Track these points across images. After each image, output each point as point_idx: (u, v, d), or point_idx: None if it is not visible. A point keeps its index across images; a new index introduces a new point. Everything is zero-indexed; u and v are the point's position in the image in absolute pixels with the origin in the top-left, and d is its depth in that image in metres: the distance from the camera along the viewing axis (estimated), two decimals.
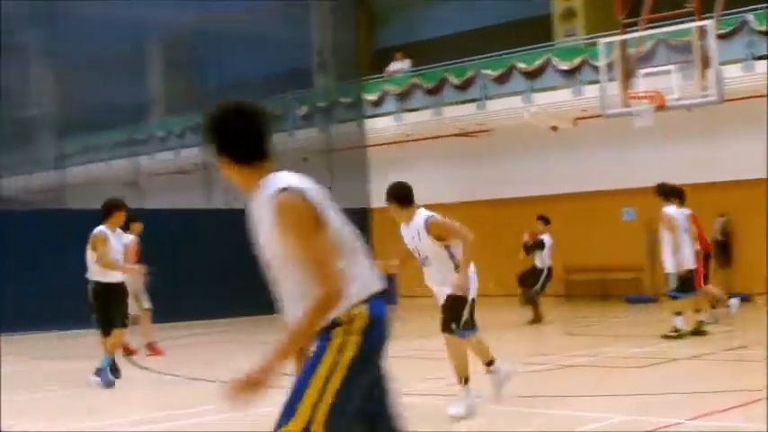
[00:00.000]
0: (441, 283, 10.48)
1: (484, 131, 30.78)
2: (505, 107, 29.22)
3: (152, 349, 17.50)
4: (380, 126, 31.80)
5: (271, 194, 4.98)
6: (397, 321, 16.64)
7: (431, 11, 35.25)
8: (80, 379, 13.70)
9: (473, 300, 10.43)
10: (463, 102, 30.33)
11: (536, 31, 31.26)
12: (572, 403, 11.24)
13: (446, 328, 10.34)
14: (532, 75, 28.85)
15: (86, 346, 16.63)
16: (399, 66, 33.09)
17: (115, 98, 34.14)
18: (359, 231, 5.15)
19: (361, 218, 22.32)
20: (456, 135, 30.94)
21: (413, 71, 32.52)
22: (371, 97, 32.34)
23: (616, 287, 27.95)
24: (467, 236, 10.22)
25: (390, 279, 21.41)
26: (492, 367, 10.74)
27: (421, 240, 10.31)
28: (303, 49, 34.37)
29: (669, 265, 17.24)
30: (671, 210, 17.29)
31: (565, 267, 28.29)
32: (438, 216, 10.37)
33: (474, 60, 30.46)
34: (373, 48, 36.94)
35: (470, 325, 10.41)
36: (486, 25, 33.38)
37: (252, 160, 5.19)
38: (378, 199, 29.70)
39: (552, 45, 30.21)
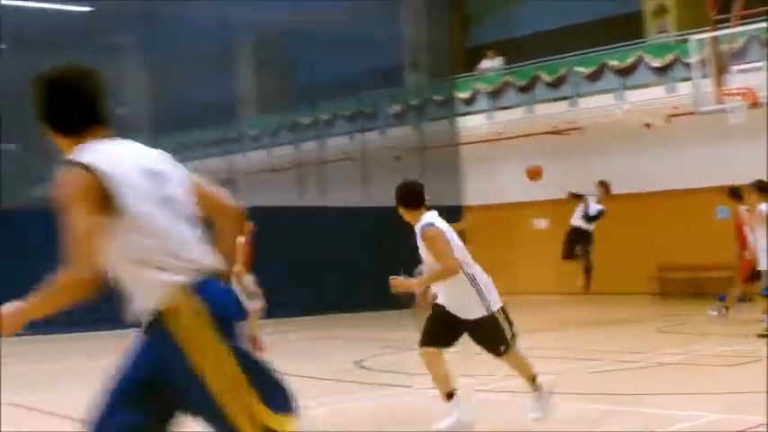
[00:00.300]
0: (459, 306, 9.38)
1: (575, 129, 30.68)
2: (597, 105, 29.13)
3: (254, 344, 17.69)
4: (472, 124, 31.82)
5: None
6: None
7: (523, 8, 35.18)
8: None
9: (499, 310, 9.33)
10: (555, 99, 30.29)
11: (628, 28, 31.08)
12: (662, 402, 11.14)
13: (496, 353, 9.40)
14: (624, 72, 28.71)
15: None
16: (491, 64, 33.08)
17: (208, 97, 34.59)
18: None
19: (454, 216, 22.30)
20: (548, 133, 30.87)
21: (505, 69, 32.51)
22: (463, 95, 32.39)
23: (710, 285, 27.63)
24: (447, 265, 9.12)
25: None
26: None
27: (422, 248, 9.44)
28: (395, 47, 34.45)
29: (764, 262, 17.09)
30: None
31: (658, 265, 28.12)
32: (436, 228, 9.32)
33: (566, 58, 30.39)
34: (465, 45, 36.95)
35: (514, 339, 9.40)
36: (578, 22, 33.23)
37: (75, 129, 4.73)
38: (470, 197, 29.82)
39: (644, 42, 30.02)
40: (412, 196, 9.52)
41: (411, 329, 15.79)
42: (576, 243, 21.87)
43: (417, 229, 9.36)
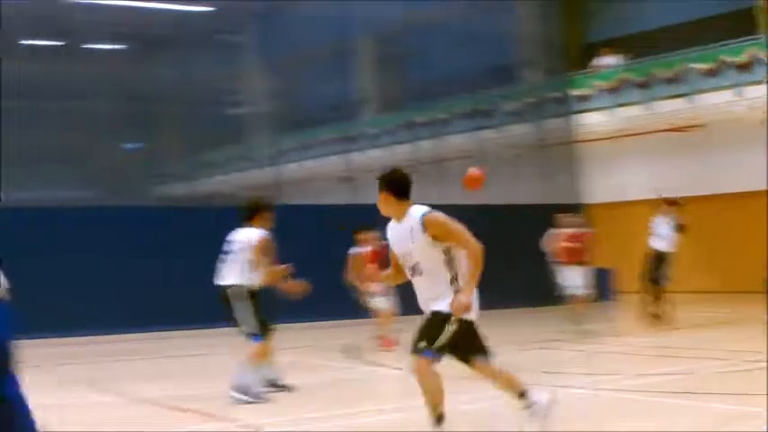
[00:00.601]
0: (432, 301, 8.31)
1: (695, 126, 30.41)
2: (716, 101, 28.87)
3: (384, 342, 17.85)
4: (591, 121, 31.73)
5: None
6: (606, 321, 16.75)
7: (638, 4, 34.93)
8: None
9: (467, 323, 8.26)
10: (673, 96, 30.07)
11: (742, 23, 30.70)
12: None
13: (414, 347, 8.21)
14: (742, 68, 28.42)
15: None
16: (609, 61, 32.94)
17: (327, 95, 34.93)
18: None
19: (575, 214, 22.26)
20: (666, 130, 30.66)
21: (624, 65, 32.36)
22: (579, 92, 32.31)
23: None
24: (474, 245, 8.16)
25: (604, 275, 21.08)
26: (525, 400, 8.53)
27: (414, 241, 8.26)
28: (510, 44, 34.44)
29: None
30: None
31: None
32: (439, 213, 8.34)
33: (683, 54, 30.17)
34: (580, 43, 36.78)
35: (445, 350, 8.18)
36: (695, 18, 32.93)
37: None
38: (592, 195, 29.72)
39: (758, 38, 29.63)
40: (405, 184, 8.42)
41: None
42: (657, 269, 21.05)
43: (414, 218, 8.24)
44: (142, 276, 22.59)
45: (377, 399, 12.68)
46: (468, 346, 8.33)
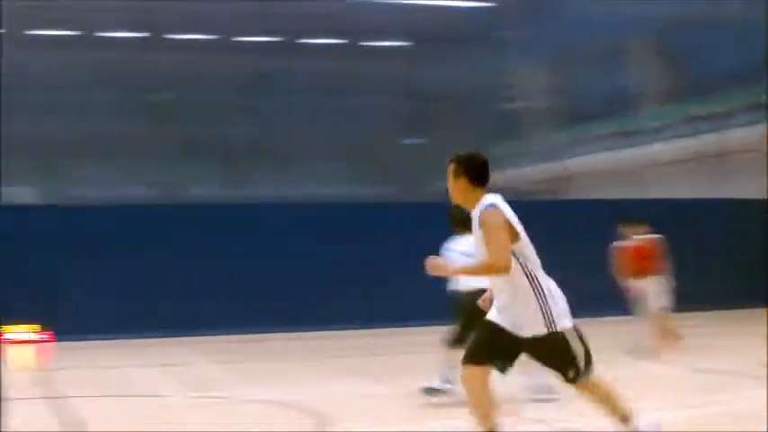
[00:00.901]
0: (505, 309, 7.35)
1: None
2: None
3: (664, 339, 17.51)
4: None
5: None
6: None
7: None
8: None
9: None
10: None
11: None
12: None
13: (572, 377, 7.33)
14: None
15: None
16: None
17: (603, 90, 34.65)
18: None
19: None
20: None
21: None
22: None
23: None
24: (495, 260, 7.05)
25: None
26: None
27: (478, 235, 7.32)
28: None
29: None
30: None
31: None
32: (501, 207, 7.23)
33: None
34: None
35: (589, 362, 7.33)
36: None
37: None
38: None
39: None
40: (483, 168, 7.45)
41: None
42: None
43: (478, 212, 7.29)
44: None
45: (661, 396, 12.48)
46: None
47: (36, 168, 32.21)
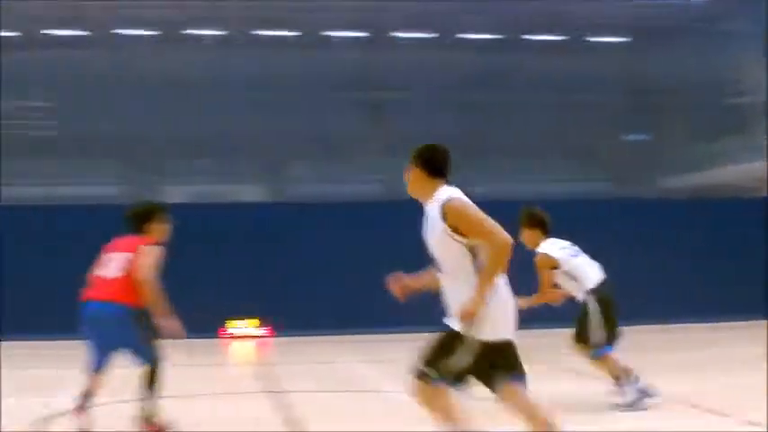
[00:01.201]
0: (457, 305, 6.67)
1: None
2: None
3: None
4: None
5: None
6: None
7: None
8: None
9: (496, 344, 6.61)
10: None
11: None
12: None
13: (418, 371, 6.80)
14: None
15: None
16: None
17: None
18: None
19: None
20: None
21: None
22: None
23: None
24: (498, 237, 6.44)
25: None
26: None
27: (434, 232, 6.72)
28: None
29: None
30: None
31: None
32: (463, 199, 6.71)
33: None
34: None
35: (460, 379, 6.70)
36: None
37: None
38: None
39: None
40: (442, 160, 6.94)
41: None
42: None
43: (436, 205, 6.75)
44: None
45: None
46: (494, 369, 6.66)
47: (264, 167, 33.16)
